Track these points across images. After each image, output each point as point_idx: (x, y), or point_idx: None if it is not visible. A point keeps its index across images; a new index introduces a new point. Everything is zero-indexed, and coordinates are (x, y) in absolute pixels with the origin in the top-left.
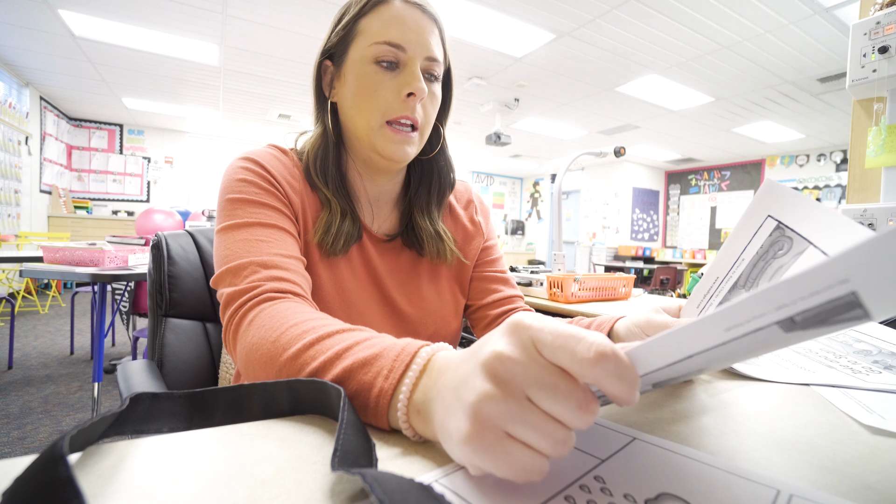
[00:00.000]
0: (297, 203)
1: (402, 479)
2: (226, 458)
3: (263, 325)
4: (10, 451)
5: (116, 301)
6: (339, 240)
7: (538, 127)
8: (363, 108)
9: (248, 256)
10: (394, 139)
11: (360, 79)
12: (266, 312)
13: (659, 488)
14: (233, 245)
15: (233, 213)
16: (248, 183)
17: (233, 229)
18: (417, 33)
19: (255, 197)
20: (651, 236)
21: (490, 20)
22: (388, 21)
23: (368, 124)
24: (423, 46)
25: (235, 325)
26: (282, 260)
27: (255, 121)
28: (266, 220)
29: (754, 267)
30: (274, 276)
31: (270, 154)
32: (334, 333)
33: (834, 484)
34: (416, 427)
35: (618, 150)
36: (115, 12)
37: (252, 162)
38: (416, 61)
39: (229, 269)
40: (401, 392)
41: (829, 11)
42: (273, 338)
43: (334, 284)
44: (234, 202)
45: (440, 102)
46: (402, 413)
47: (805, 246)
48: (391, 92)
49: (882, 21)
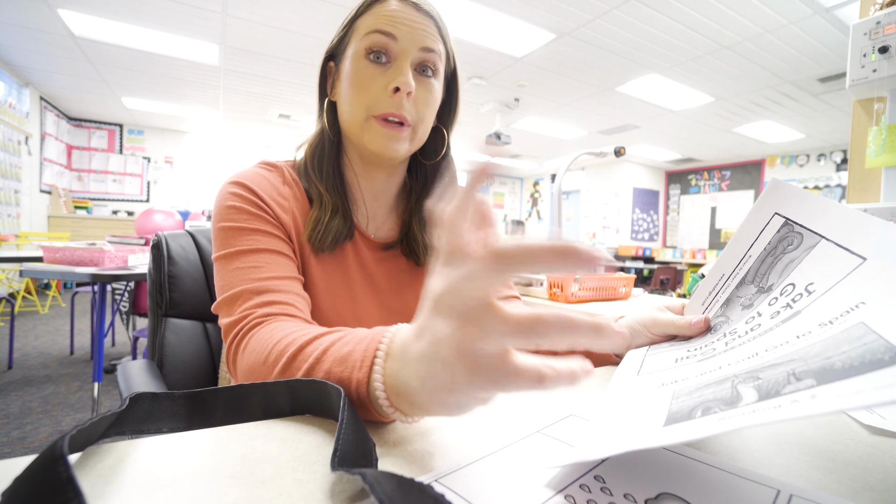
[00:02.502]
0: (287, 221)
1: (402, 479)
2: (226, 458)
3: (254, 350)
4: (10, 451)
5: (116, 301)
6: (328, 236)
7: (538, 127)
8: (353, 101)
9: (242, 285)
10: (381, 133)
11: (352, 73)
12: (255, 337)
13: (659, 488)
14: (227, 275)
15: (226, 242)
16: (238, 210)
17: (227, 259)
18: (410, 25)
19: (246, 224)
20: (651, 236)
21: (490, 20)
22: (380, 16)
23: (356, 118)
24: (416, 38)
25: (233, 354)
26: (274, 283)
27: (255, 121)
28: (257, 245)
29: (762, 263)
30: (265, 302)
31: (259, 174)
32: (313, 340)
33: (834, 484)
34: (403, 409)
35: (618, 150)
36: (115, 12)
37: (240, 186)
38: (407, 54)
39: (225, 299)
40: (375, 381)
41: (829, 11)
42: (262, 360)
43: (326, 283)
44: (225, 231)
45: (439, 101)
46: (384, 399)
47: (817, 240)
48: (379, 86)
49: (882, 21)
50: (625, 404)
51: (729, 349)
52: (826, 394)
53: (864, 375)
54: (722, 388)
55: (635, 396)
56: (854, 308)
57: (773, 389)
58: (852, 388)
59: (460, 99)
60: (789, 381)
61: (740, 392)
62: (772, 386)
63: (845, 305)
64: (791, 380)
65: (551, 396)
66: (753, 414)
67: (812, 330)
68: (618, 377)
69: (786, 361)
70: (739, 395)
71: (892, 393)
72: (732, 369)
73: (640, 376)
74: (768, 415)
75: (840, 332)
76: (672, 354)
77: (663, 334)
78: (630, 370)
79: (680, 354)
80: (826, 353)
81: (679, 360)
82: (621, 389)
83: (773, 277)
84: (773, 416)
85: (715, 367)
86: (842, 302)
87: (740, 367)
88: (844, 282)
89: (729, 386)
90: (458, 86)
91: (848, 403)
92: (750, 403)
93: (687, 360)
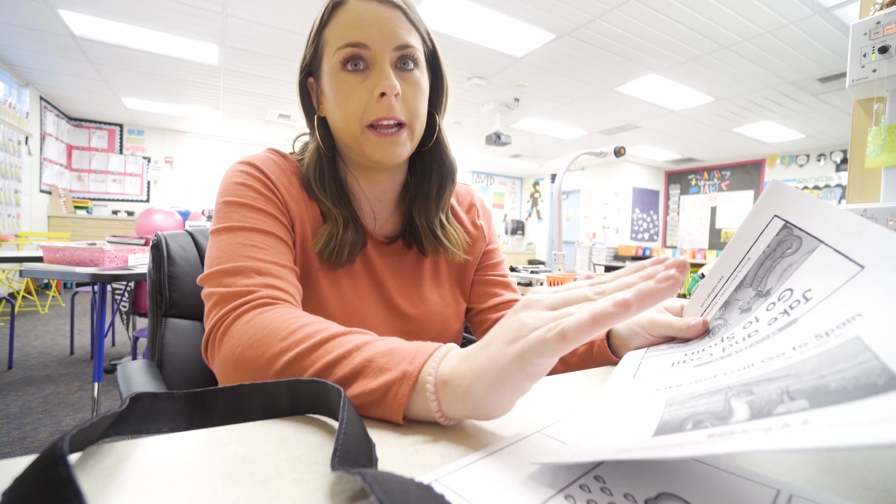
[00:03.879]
0: (294, 210)
1: (402, 479)
2: (226, 458)
3: (267, 325)
4: (10, 451)
5: (116, 301)
6: (344, 250)
7: (538, 127)
8: (342, 116)
9: (244, 261)
10: (379, 143)
11: (334, 89)
12: (266, 314)
13: (659, 488)
14: (227, 247)
15: (229, 215)
16: (247, 187)
17: (228, 231)
18: (379, 27)
19: (253, 202)
20: (651, 236)
21: (490, 20)
22: (346, 24)
23: (350, 132)
24: (387, 38)
25: (228, 324)
26: (275, 268)
27: (255, 121)
28: (262, 226)
29: (761, 266)
30: (269, 284)
31: (270, 159)
32: (346, 333)
33: (834, 484)
34: (443, 399)
35: (618, 150)
36: (115, 12)
37: (251, 166)
38: (384, 56)
39: (222, 269)
40: (428, 373)
41: (829, 11)
42: (281, 335)
43: (335, 292)
44: (231, 205)
45: (427, 90)
46: (431, 386)
47: (815, 245)
48: (363, 96)
49: (882, 21)
50: (618, 408)
51: (726, 356)
52: (818, 420)
53: (858, 402)
54: (715, 401)
55: (629, 401)
56: (851, 320)
57: (765, 408)
58: (846, 418)
59: (447, 79)
60: (782, 399)
61: (733, 407)
62: (764, 404)
63: (842, 317)
64: (784, 398)
65: (551, 396)
66: (743, 435)
67: (808, 342)
68: (614, 379)
69: (781, 377)
70: (731, 410)
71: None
72: (727, 380)
73: (635, 379)
74: (757, 441)
75: (836, 346)
76: (669, 358)
77: (662, 336)
78: (626, 373)
79: (677, 358)
80: (821, 371)
81: (675, 364)
82: (616, 392)
83: (772, 281)
84: (762, 443)
85: (710, 375)
86: (838, 312)
87: (735, 377)
88: (842, 290)
89: (722, 398)
90: (442, 65)
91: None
92: (741, 421)
93: (683, 364)
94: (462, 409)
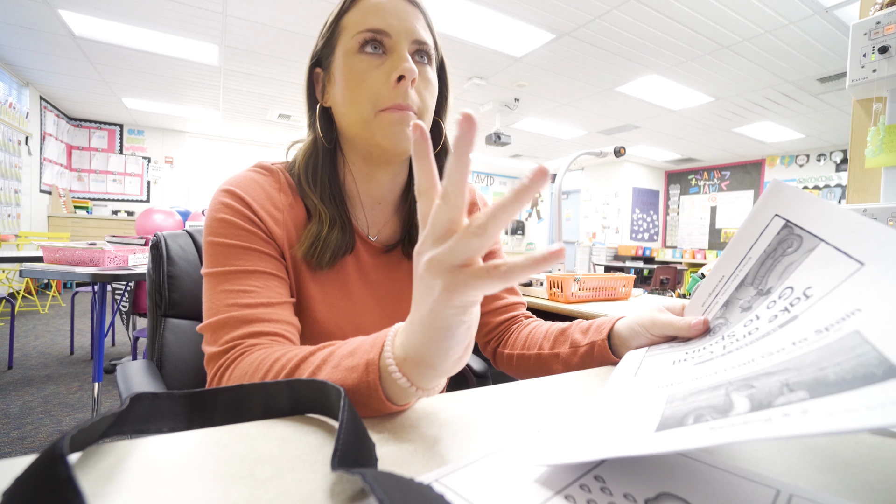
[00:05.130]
0: (280, 235)
1: (402, 479)
2: (226, 458)
3: (245, 373)
4: (10, 451)
5: (116, 301)
6: (326, 252)
7: (538, 127)
8: (354, 99)
9: (229, 311)
10: (392, 120)
11: (348, 71)
12: (246, 361)
13: (659, 488)
14: (215, 297)
15: (216, 259)
16: (228, 224)
17: (216, 278)
18: (400, 18)
19: (237, 241)
20: (651, 236)
21: (490, 20)
22: (367, 11)
23: (361, 116)
24: (407, 31)
25: (217, 382)
26: (263, 311)
27: (255, 121)
28: (248, 265)
29: (762, 265)
30: (253, 332)
31: (253, 181)
32: (315, 351)
33: (834, 484)
34: (412, 375)
35: (618, 150)
36: (115, 12)
37: (233, 196)
38: (402, 45)
39: (210, 324)
40: (386, 357)
41: (829, 11)
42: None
43: (325, 300)
44: (215, 246)
45: (437, 89)
46: (395, 367)
47: (816, 243)
48: (380, 78)
49: (882, 21)
50: (620, 406)
51: (726, 353)
52: (817, 409)
53: (856, 391)
54: (715, 395)
55: (631, 398)
56: (850, 315)
57: (765, 400)
58: (844, 406)
59: (450, 92)
60: (782, 391)
61: (733, 400)
62: (764, 396)
63: (841, 312)
64: (784, 391)
65: (551, 396)
66: (744, 426)
67: (808, 337)
68: (615, 378)
69: (780, 370)
70: (732, 404)
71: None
72: (727, 375)
73: (637, 378)
74: (758, 430)
75: (835, 340)
76: (670, 357)
77: (662, 335)
78: (628, 371)
79: (678, 357)
80: (820, 364)
81: (676, 362)
82: (618, 390)
83: (773, 280)
84: (763, 432)
85: (710, 372)
86: (838, 308)
87: (735, 373)
88: (842, 287)
89: (723, 393)
90: (447, 76)
91: (838, 425)
92: (741, 413)
93: (684, 362)
94: (432, 374)
